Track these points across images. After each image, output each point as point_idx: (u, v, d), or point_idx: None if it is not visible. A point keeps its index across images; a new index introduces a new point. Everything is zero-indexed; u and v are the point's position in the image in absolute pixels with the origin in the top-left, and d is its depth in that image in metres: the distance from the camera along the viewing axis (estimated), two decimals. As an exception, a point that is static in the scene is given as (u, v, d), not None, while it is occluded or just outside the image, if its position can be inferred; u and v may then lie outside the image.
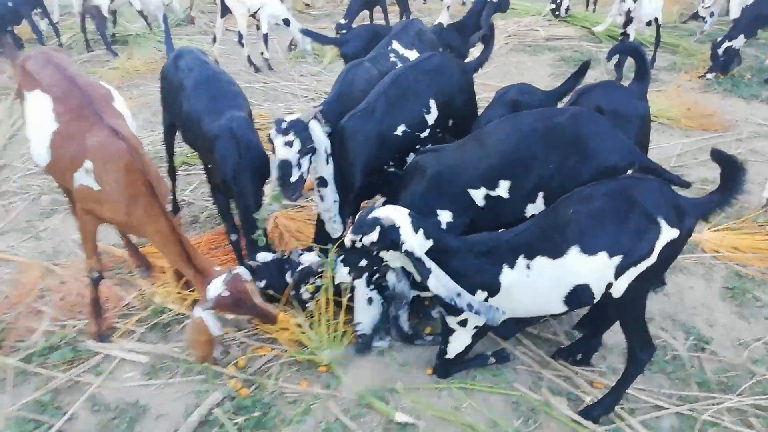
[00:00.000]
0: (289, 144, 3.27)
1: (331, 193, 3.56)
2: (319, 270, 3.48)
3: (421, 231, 2.68)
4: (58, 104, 3.27)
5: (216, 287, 3.04)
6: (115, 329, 3.55)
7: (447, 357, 3.11)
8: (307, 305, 3.51)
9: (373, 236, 2.62)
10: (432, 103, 3.66)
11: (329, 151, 3.49)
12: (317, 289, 3.43)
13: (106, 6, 8.60)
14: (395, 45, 4.25)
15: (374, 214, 2.67)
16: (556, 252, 2.61)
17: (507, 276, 2.72)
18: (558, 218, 2.67)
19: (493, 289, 2.76)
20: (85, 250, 3.40)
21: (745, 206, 4.68)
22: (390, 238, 2.63)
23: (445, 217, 3.18)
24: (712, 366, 3.31)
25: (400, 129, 3.59)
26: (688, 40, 8.83)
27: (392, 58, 4.16)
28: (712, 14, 8.90)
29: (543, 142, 3.02)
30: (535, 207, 3.09)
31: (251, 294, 3.09)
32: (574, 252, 2.56)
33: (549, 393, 3.11)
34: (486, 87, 6.64)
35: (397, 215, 2.67)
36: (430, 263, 2.64)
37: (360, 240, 2.66)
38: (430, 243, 2.70)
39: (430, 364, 3.27)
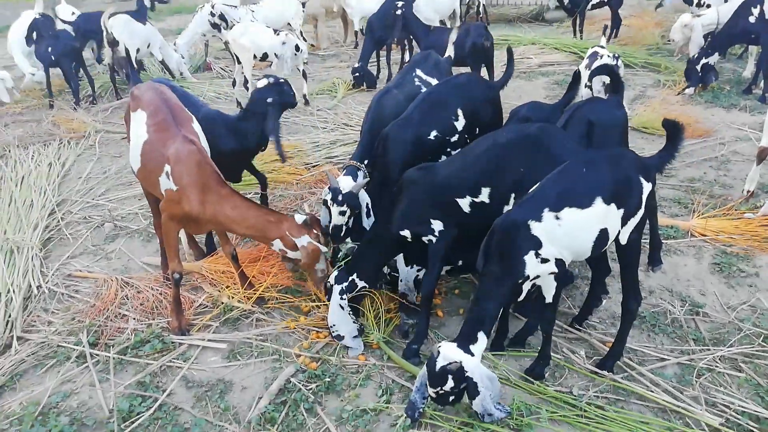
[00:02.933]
0: (343, 213, 4.05)
1: None
2: None
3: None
4: (150, 119, 3.96)
5: (300, 216, 3.90)
6: (193, 325, 4.12)
7: (549, 302, 3.30)
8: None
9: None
10: (459, 112, 4.33)
11: (370, 206, 4.18)
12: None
13: (133, 57, 9.38)
14: (418, 72, 4.98)
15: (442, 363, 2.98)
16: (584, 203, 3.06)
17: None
18: (574, 176, 3.16)
19: None
20: (168, 254, 4.00)
21: (729, 198, 5.32)
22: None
23: (437, 226, 3.61)
24: (705, 326, 3.89)
25: (433, 134, 4.26)
26: (669, 59, 9.60)
27: (417, 82, 4.89)
28: None
29: (516, 151, 3.55)
30: (509, 207, 3.52)
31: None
32: (599, 201, 3.07)
33: (569, 352, 3.68)
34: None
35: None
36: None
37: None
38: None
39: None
